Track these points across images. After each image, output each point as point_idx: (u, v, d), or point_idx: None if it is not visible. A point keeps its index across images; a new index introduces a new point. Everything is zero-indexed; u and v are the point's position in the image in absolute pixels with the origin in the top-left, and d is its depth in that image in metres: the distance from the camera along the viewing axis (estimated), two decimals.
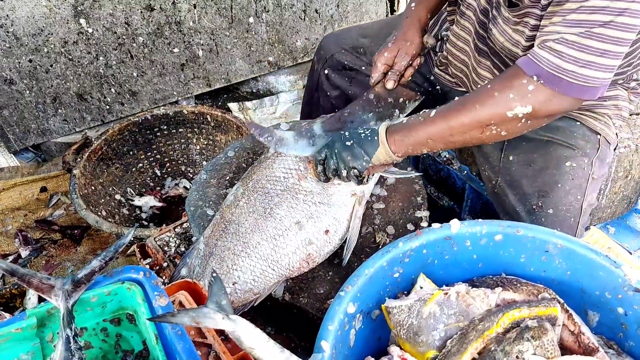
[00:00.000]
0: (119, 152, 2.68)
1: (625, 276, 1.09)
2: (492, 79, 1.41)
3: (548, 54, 1.19)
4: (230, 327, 0.90)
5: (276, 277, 1.45)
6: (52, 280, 1.05)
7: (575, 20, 1.15)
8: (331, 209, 1.50)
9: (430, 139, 1.35)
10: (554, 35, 1.19)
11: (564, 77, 1.19)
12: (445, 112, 1.33)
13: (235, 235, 1.47)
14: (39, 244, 2.49)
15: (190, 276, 1.47)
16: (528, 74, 1.22)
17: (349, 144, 1.41)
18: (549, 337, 0.98)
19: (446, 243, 1.20)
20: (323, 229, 1.48)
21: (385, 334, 1.19)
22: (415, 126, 1.36)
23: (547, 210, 1.51)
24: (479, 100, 1.28)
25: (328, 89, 2.04)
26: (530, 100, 1.23)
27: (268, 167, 1.57)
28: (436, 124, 1.33)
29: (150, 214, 2.68)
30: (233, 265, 1.45)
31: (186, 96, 3.19)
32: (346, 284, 1.10)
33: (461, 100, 1.34)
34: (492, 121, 1.27)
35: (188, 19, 2.90)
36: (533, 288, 1.13)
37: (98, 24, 2.67)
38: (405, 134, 1.36)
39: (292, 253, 1.45)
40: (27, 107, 2.72)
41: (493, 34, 1.47)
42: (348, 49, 1.97)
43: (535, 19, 1.31)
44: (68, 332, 0.99)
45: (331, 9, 3.35)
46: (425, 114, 1.37)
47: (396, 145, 1.38)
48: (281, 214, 1.48)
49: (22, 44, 2.54)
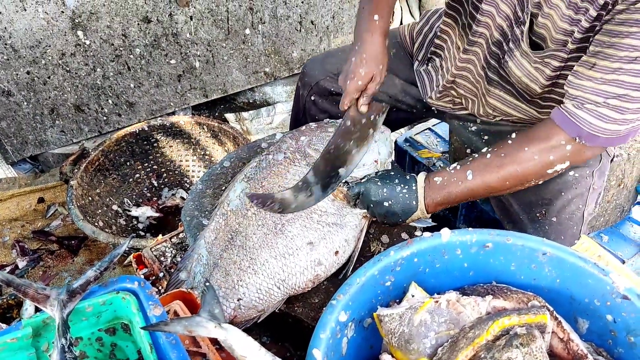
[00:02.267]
0: (116, 162, 2.70)
1: (613, 283, 1.10)
2: (525, 134, 1.36)
3: (589, 116, 1.23)
4: (222, 336, 0.91)
5: (281, 295, 1.43)
6: (47, 290, 1.06)
7: (616, 81, 1.17)
8: (343, 231, 1.48)
9: (469, 198, 1.42)
10: (594, 96, 1.21)
11: (603, 135, 1.24)
12: (484, 174, 1.37)
13: (242, 249, 1.44)
14: (36, 255, 2.50)
15: (190, 282, 1.45)
16: (570, 135, 1.27)
17: (387, 204, 1.43)
18: (537, 345, 0.99)
19: (437, 252, 1.21)
20: (334, 250, 1.46)
21: (378, 342, 1.20)
22: (455, 191, 1.40)
23: (550, 219, 1.54)
24: (517, 162, 1.33)
25: (316, 114, 2.01)
26: (568, 158, 1.30)
27: (280, 176, 1.53)
28: (476, 188, 1.38)
29: (147, 224, 2.69)
30: (239, 282, 1.41)
31: (183, 107, 3.21)
32: (338, 293, 1.11)
33: (497, 161, 1.36)
34: (532, 180, 1.36)
35: (185, 31, 2.93)
36: (523, 296, 1.14)
37: (95, 36, 2.69)
38: (446, 199, 1.41)
39: (300, 273, 1.42)
40: (24, 118, 2.74)
41: (509, 67, 1.44)
42: (333, 75, 1.92)
43: (560, 61, 1.31)
44: (63, 341, 1.00)
45: (327, 20, 3.38)
46: (460, 173, 1.39)
47: (434, 208, 1.43)
48: (293, 232, 1.44)
49: (19, 56, 2.56)
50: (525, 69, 1.40)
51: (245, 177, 1.58)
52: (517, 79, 1.44)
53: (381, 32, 1.51)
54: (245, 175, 1.59)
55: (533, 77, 1.39)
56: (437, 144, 2.40)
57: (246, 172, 1.60)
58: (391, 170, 1.52)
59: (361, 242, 1.53)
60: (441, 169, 1.46)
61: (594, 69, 1.20)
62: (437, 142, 2.41)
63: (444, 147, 2.36)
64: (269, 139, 1.92)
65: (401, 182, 1.44)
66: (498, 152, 1.38)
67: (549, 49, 1.32)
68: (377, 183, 1.45)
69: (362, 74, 1.49)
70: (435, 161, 2.27)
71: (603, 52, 1.18)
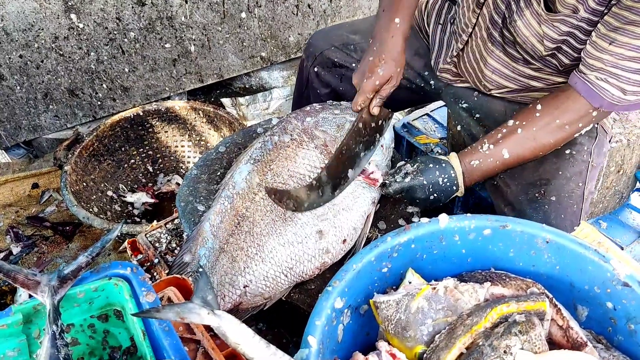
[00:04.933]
0: (110, 148, 2.67)
1: (614, 270, 1.09)
2: (551, 105, 1.44)
3: (612, 88, 1.31)
4: (215, 323, 0.90)
5: (288, 283, 1.42)
6: (38, 276, 1.04)
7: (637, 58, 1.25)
8: (353, 218, 1.48)
9: (502, 171, 1.54)
10: (616, 69, 1.29)
11: (622, 104, 1.34)
12: (519, 149, 1.46)
13: (249, 235, 1.41)
14: (30, 241, 2.48)
15: (196, 265, 1.42)
16: (594, 106, 1.37)
17: (433, 197, 1.50)
18: (536, 332, 0.98)
19: (435, 238, 1.20)
20: (342, 238, 1.45)
21: (374, 329, 1.19)
22: (491, 169, 1.49)
23: (549, 198, 1.53)
24: (551, 134, 1.44)
25: (318, 87, 2.02)
26: (593, 122, 1.44)
27: (289, 159, 1.50)
28: (511, 162, 1.48)
29: (142, 210, 2.67)
30: (246, 268, 1.39)
31: (178, 92, 3.18)
32: (334, 279, 1.09)
33: (530, 134, 1.45)
34: (560, 145, 1.49)
35: (180, 14, 2.89)
36: (522, 283, 1.13)
37: (89, 19, 2.65)
38: (482, 176, 1.52)
39: (307, 261, 1.41)
40: (18, 103, 2.71)
41: (517, 26, 1.46)
42: (338, 45, 1.94)
43: (569, 26, 1.35)
44: (54, 328, 0.98)
45: (324, 4, 3.34)
46: (496, 153, 1.47)
47: (470, 184, 1.52)
48: (303, 219, 1.42)
49: (12, 40, 2.52)
50: (533, 29, 1.42)
51: (251, 158, 1.54)
52: (524, 39, 1.46)
53: (402, 35, 1.51)
54: (251, 156, 1.54)
55: (540, 37, 1.42)
56: (435, 129, 2.38)
57: (251, 154, 1.55)
58: (422, 158, 1.53)
59: (368, 229, 1.52)
60: (472, 150, 1.51)
61: (614, 44, 1.26)
62: (435, 127, 2.39)
63: (442, 133, 2.34)
64: (264, 124, 1.90)
65: (440, 173, 1.48)
66: (528, 126, 1.45)
67: (561, 13, 1.34)
68: (419, 179, 1.47)
69: (380, 74, 1.48)
70: (433, 147, 2.25)
71: (623, 29, 1.23)
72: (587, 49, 1.33)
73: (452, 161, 1.49)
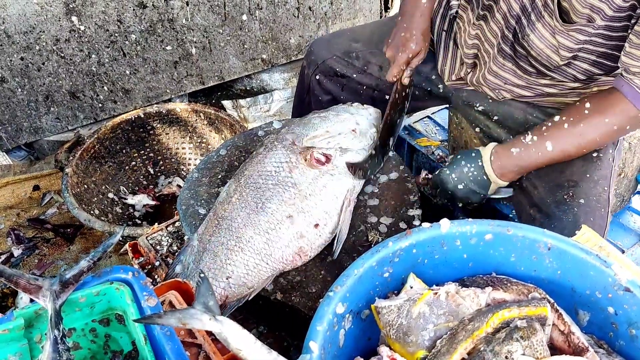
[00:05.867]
0: (111, 150, 2.67)
1: (615, 275, 1.09)
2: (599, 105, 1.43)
3: None
4: (217, 329, 0.90)
5: (270, 270, 1.46)
6: (39, 280, 1.04)
7: None
8: (322, 202, 1.52)
9: (543, 166, 1.53)
10: None
11: None
12: (563, 144, 1.46)
13: (228, 231, 1.48)
14: (31, 243, 2.48)
15: (184, 274, 1.47)
16: (638, 108, 1.36)
17: (462, 186, 1.56)
18: (538, 338, 0.98)
19: (436, 242, 1.19)
20: (313, 222, 1.50)
21: (375, 334, 1.19)
22: (533, 161, 1.51)
23: (578, 200, 1.53)
24: (598, 132, 1.43)
25: (320, 94, 2.03)
26: (638, 125, 1.43)
27: (260, 162, 1.58)
28: (555, 156, 1.49)
29: (143, 213, 2.67)
30: (227, 260, 1.45)
31: (179, 94, 3.18)
32: (335, 284, 1.09)
33: (576, 130, 1.44)
34: (604, 145, 1.53)
35: (181, 17, 2.89)
36: (523, 287, 1.13)
37: (90, 21, 2.66)
38: (523, 168, 1.54)
39: (284, 246, 1.46)
40: (19, 105, 2.71)
41: (530, 40, 1.47)
42: (340, 55, 1.96)
43: (586, 35, 1.35)
44: (56, 332, 0.98)
45: (325, 6, 3.34)
46: (539, 145, 1.48)
47: (510, 177, 1.55)
48: (273, 207, 1.49)
49: (13, 42, 2.52)
50: (547, 41, 1.43)
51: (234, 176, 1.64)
52: (538, 51, 1.47)
53: (428, 13, 1.66)
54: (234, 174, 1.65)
55: (555, 48, 1.43)
56: (436, 132, 2.38)
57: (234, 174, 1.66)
58: (458, 153, 1.61)
59: (349, 219, 1.55)
60: (516, 140, 1.54)
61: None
62: (436, 130, 2.39)
63: (443, 136, 2.34)
64: (265, 126, 1.90)
65: (467, 162, 1.55)
66: (575, 122, 1.45)
67: (577, 23, 1.34)
68: (445, 171, 1.55)
69: (412, 47, 1.63)
70: (434, 149, 2.25)
71: None
72: (623, 60, 1.33)
73: (484, 150, 1.53)
